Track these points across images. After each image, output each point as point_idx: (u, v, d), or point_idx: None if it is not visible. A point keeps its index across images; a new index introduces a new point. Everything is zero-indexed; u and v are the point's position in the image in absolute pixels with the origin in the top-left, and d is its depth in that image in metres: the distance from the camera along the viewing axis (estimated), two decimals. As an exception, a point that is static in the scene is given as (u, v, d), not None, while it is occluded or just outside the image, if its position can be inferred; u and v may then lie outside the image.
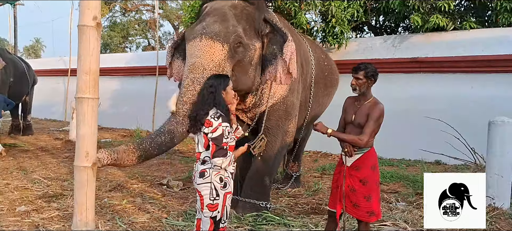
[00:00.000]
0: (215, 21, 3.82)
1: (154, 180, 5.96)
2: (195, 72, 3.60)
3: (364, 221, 3.22)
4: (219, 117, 2.80)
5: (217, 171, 2.84)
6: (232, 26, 3.82)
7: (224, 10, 3.94)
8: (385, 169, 6.62)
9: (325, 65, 5.46)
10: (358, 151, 3.20)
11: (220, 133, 2.78)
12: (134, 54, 20.44)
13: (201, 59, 3.64)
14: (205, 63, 3.62)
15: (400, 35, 9.44)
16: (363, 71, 3.18)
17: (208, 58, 3.64)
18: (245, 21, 4.00)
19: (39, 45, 42.47)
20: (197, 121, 2.83)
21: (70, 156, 7.52)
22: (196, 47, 3.70)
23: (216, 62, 3.66)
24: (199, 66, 3.62)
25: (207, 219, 2.86)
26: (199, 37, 3.71)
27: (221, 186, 2.85)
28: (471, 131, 6.25)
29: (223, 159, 2.77)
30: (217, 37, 3.70)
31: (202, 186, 2.85)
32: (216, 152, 2.76)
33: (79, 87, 2.80)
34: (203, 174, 2.84)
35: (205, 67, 3.61)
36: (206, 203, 2.84)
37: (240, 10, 4.03)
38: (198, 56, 3.66)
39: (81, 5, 2.80)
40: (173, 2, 25.06)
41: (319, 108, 5.48)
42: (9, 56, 10.10)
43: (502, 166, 4.59)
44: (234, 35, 3.77)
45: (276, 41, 4.10)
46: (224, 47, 3.70)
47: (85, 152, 2.81)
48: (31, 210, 4.46)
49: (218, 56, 3.68)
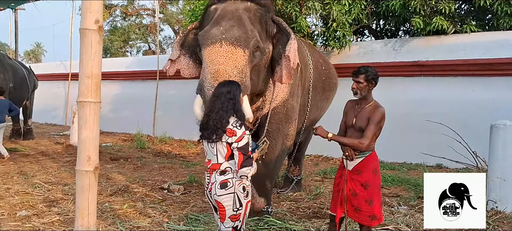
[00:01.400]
0: (233, 26, 3.72)
1: (155, 184, 5.95)
2: (219, 79, 3.42)
3: (366, 225, 3.21)
4: (242, 126, 2.74)
5: (240, 181, 2.78)
6: (251, 30, 3.76)
7: (239, 14, 3.85)
8: (387, 173, 6.61)
9: (323, 70, 5.46)
10: (359, 155, 3.19)
11: (246, 142, 2.72)
12: (134, 58, 20.46)
13: (225, 66, 3.52)
14: (229, 70, 3.51)
15: (400, 39, 9.44)
16: (363, 75, 3.17)
17: (231, 64, 3.54)
18: (258, 24, 3.97)
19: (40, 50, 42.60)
20: (218, 129, 2.72)
21: (71, 161, 7.51)
22: (217, 53, 3.58)
23: (240, 68, 3.57)
24: (223, 73, 3.49)
25: (228, 229, 2.80)
26: (219, 43, 3.61)
27: (244, 195, 2.80)
28: (473, 135, 6.24)
29: (250, 168, 2.72)
30: (238, 42, 3.61)
31: (224, 197, 2.76)
32: (244, 162, 2.69)
33: (80, 91, 2.78)
34: (225, 184, 2.76)
35: (229, 73, 3.49)
36: (229, 214, 2.77)
37: (253, 13, 3.98)
38: (221, 63, 3.54)
39: (83, 8, 2.79)
40: (174, 6, 25.14)
41: (317, 111, 5.48)
42: (10, 62, 10.13)
43: (504, 170, 4.57)
44: (254, 40, 3.71)
45: (282, 41, 4.10)
46: (245, 53, 3.63)
47: (87, 156, 2.80)
48: (32, 214, 4.45)
49: (241, 62, 3.59)
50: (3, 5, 13.50)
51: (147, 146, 9.65)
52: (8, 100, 8.12)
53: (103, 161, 7.30)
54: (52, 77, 15.78)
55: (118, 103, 13.03)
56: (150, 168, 7.27)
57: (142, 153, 8.92)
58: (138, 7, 25.83)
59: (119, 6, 25.15)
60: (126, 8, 25.14)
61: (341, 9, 8.17)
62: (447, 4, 7.71)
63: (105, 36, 24.53)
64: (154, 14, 23.51)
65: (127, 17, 25.71)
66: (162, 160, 8.17)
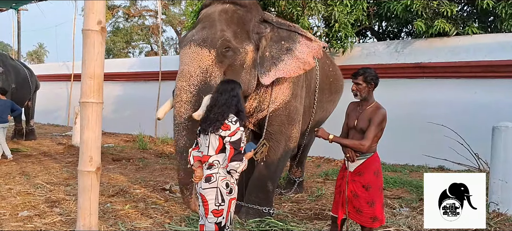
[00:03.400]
0: (204, 27, 3.90)
1: (156, 185, 5.96)
2: (182, 80, 3.71)
3: (367, 227, 3.21)
4: (237, 122, 2.82)
5: (224, 177, 2.84)
6: (220, 31, 3.86)
7: (214, 16, 3.99)
8: (389, 175, 6.60)
9: (330, 71, 5.43)
10: (361, 157, 3.18)
11: (239, 137, 2.80)
12: (137, 59, 20.48)
13: (188, 67, 3.74)
14: (192, 70, 3.71)
15: (403, 40, 9.43)
16: (362, 76, 3.19)
17: (195, 65, 3.73)
18: (235, 24, 4.00)
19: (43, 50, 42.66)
20: (217, 121, 2.81)
21: (73, 161, 7.53)
22: (185, 54, 3.81)
23: (203, 68, 3.73)
24: (186, 73, 3.72)
25: (211, 224, 2.85)
26: (188, 45, 3.82)
27: (227, 191, 2.85)
28: (475, 137, 6.22)
29: (240, 164, 2.78)
30: (204, 43, 3.77)
31: (207, 191, 2.84)
32: (234, 156, 2.76)
33: (83, 92, 2.79)
34: (209, 179, 2.84)
35: (191, 74, 3.70)
36: (211, 209, 2.83)
37: (231, 14, 4.04)
38: (186, 64, 3.77)
39: (85, 9, 2.80)
40: (176, 7, 25.17)
41: (322, 113, 5.45)
42: (12, 63, 10.17)
43: (506, 172, 4.55)
44: (221, 40, 3.80)
45: (283, 37, 4.12)
46: (211, 53, 3.76)
47: (89, 156, 2.81)
48: (34, 215, 4.46)
49: (205, 62, 3.75)
50: (5, 6, 13.55)
51: (149, 147, 9.67)
52: (10, 101, 8.16)
53: (105, 161, 7.31)
54: (55, 78, 15.82)
55: (120, 104, 13.05)
56: (152, 169, 7.28)
57: (144, 154, 8.94)
58: (141, 8, 25.91)
59: (121, 7, 25.21)
60: (129, 9, 25.20)
61: (343, 10, 8.17)
62: (449, 7, 7.70)
63: (107, 37, 24.57)
64: (156, 15, 23.56)
65: (130, 18, 25.77)
66: (164, 161, 8.18)
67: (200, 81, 3.70)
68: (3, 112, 7.70)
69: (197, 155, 3.00)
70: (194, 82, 3.68)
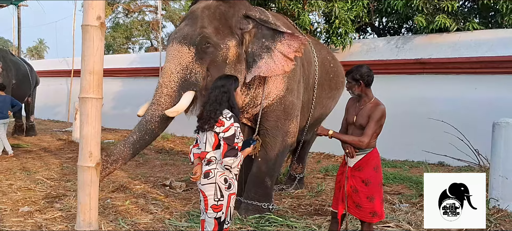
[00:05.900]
0: (186, 25, 3.98)
1: (157, 181, 5.96)
2: (164, 76, 3.82)
3: (367, 222, 3.21)
4: (231, 118, 2.83)
5: (222, 172, 2.85)
6: (200, 27, 3.89)
7: (197, 13, 4.03)
8: (388, 171, 6.60)
9: (331, 67, 5.40)
10: (360, 152, 3.18)
11: (233, 133, 2.80)
12: (136, 55, 20.41)
13: (169, 64, 3.85)
14: (173, 67, 3.82)
15: (403, 36, 9.42)
16: (350, 75, 3.21)
17: (176, 62, 3.82)
18: (217, 20, 4.01)
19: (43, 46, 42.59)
20: (211, 119, 2.83)
21: (73, 157, 7.54)
22: (168, 52, 3.94)
23: (184, 65, 3.82)
24: (167, 70, 3.82)
25: (211, 219, 2.87)
26: (171, 43, 3.93)
27: (226, 187, 2.85)
28: (475, 133, 6.23)
29: (234, 159, 2.78)
30: (184, 40, 3.86)
31: (206, 187, 2.85)
32: (227, 152, 2.77)
33: (82, 87, 2.80)
34: (207, 174, 2.85)
35: (172, 71, 3.81)
36: (211, 204, 2.84)
37: (213, 10, 4.04)
38: (168, 61, 3.88)
39: (85, 4, 2.80)
40: (176, 3, 25.11)
41: (322, 109, 5.41)
42: (12, 58, 10.18)
43: (507, 168, 4.56)
44: (200, 37, 3.84)
45: (264, 34, 4.10)
46: (191, 50, 3.83)
47: (89, 152, 2.81)
48: (34, 210, 4.47)
49: (185, 59, 3.83)
50: (5, 2, 13.52)
51: (149, 143, 9.65)
52: (10, 96, 8.17)
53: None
54: (55, 74, 15.81)
55: (120, 100, 13.04)
56: (152, 164, 7.29)
57: (144, 150, 8.91)
58: (141, 3, 25.80)
59: (121, 2, 25.14)
60: (129, 4, 25.13)
61: (343, 6, 8.16)
62: (450, 2, 7.68)
63: (107, 33, 24.55)
64: (156, 11, 23.50)
65: (130, 13, 25.70)
66: (164, 157, 8.18)
67: (181, 77, 3.79)
68: (3, 107, 7.72)
69: (197, 152, 3.02)
70: (175, 79, 3.78)
